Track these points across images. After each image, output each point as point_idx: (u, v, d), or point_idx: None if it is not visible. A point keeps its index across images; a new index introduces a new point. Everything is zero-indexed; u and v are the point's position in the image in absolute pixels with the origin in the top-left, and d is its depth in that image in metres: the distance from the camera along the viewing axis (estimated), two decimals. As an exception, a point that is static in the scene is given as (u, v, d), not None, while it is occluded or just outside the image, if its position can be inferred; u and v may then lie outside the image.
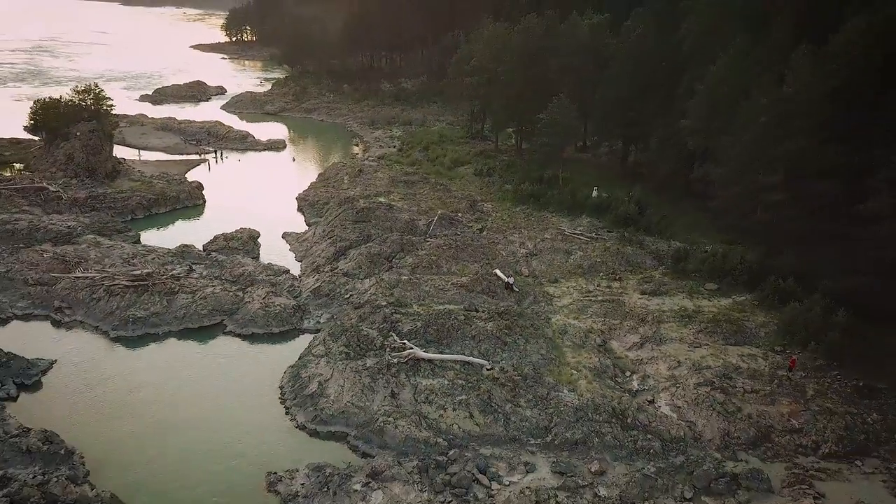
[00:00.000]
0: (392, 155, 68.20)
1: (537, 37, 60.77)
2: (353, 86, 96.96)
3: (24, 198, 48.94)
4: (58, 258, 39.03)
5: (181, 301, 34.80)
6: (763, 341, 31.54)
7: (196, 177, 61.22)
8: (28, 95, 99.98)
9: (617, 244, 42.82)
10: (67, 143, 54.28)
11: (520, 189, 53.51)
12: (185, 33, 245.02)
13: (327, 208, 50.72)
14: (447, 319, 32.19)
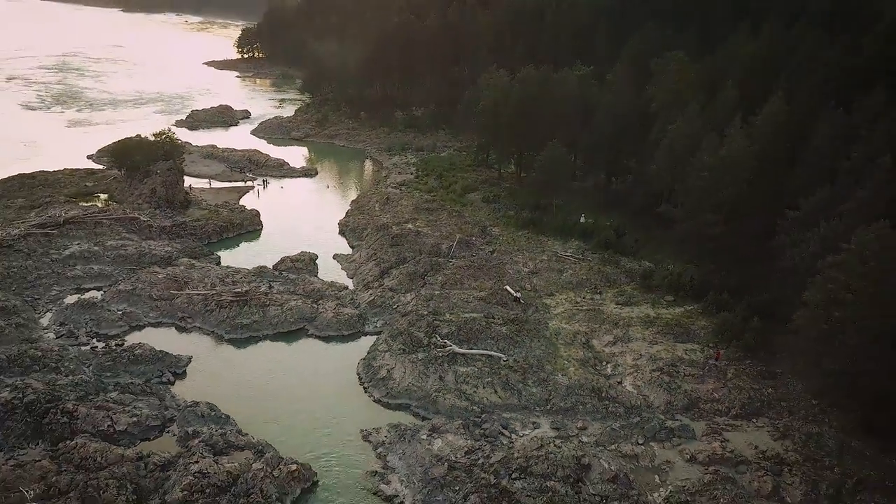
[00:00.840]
0: (411, 182, 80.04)
1: (534, 86, 72.76)
2: (369, 113, 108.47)
3: (122, 226, 60.59)
4: (170, 278, 50.70)
5: (273, 311, 46.57)
6: (702, 340, 43.61)
7: (245, 202, 73.07)
8: (74, 121, 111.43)
9: (598, 264, 54.95)
10: (150, 179, 65.85)
11: (521, 216, 65.56)
12: (194, 46, 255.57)
13: (366, 233, 62.64)
14: (473, 324, 44.15)
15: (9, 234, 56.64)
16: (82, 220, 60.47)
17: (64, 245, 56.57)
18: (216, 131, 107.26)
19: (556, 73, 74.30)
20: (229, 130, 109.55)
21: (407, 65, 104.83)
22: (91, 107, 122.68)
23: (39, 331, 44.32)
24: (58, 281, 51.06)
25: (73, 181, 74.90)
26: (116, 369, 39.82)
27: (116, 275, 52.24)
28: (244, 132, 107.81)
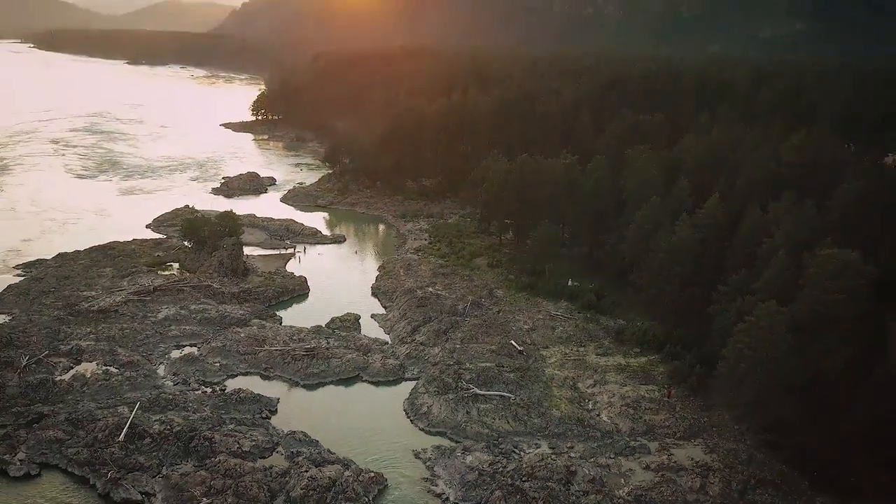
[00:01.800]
0: (426, 247, 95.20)
1: (528, 171, 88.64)
2: (384, 182, 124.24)
3: (200, 293, 75.13)
4: (250, 336, 65.13)
5: (335, 363, 60.97)
6: (659, 382, 58.25)
7: (290, 268, 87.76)
8: (124, 189, 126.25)
9: (583, 322, 69.84)
10: (218, 252, 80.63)
11: (520, 280, 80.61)
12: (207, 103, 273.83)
13: (396, 296, 77.39)
14: (488, 372, 58.69)
15: (114, 301, 71.33)
16: (167, 288, 75.21)
17: (157, 309, 71.10)
18: (249, 199, 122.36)
19: (546, 160, 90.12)
20: (260, 197, 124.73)
21: (416, 141, 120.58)
22: (133, 174, 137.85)
23: (160, 380, 58.45)
24: (162, 339, 65.30)
25: (145, 250, 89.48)
26: (228, 408, 53.93)
27: (205, 334, 66.51)
28: (274, 199, 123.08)
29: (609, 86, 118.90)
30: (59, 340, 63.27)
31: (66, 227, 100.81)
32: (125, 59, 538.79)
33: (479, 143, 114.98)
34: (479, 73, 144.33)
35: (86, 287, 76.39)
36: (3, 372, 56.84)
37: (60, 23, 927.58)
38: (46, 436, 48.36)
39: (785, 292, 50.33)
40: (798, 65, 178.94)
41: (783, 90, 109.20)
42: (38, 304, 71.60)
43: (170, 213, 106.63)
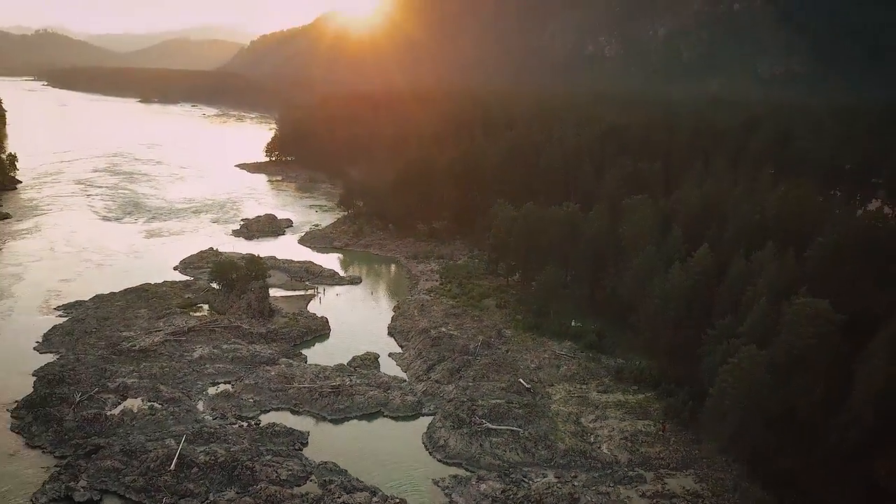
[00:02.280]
0: (437, 288, 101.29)
1: (533, 218, 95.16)
2: (396, 225, 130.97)
3: (230, 333, 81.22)
4: (279, 374, 71.03)
5: (358, 399, 66.74)
6: (655, 417, 63.81)
7: (311, 308, 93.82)
8: (149, 231, 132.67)
9: (585, 361, 75.60)
10: (246, 295, 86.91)
11: (526, 320, 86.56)
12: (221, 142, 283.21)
13: (411, 335, 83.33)
14: (498, 408, 64.36)
15: (153, 341, 77.48)
16: (201, 329, 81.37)
17: (192, 349, 77.17)
18: (269, 241, 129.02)
19: (550, 208, 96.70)
20: (279, 239, 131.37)
21: (426, 187, 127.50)
22: (157, 216, 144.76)
23: (200, 414, 64.24)
24: (199, 377, 71.22)
25: (176, 292, 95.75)
26: (264, 440, 59.62)
27: (238, 372, 72.43)
28: (292, 241, 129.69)
29: (608, 133, 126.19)
30: (106, 378, 69.22)
31: (100, 269, 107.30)
32: (138, 98, 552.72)
33: (487, 188, 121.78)
34: (485, 119, 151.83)
35: (125, 328, 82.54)
36: (59, 407, 62.81)
37: (73, 60, 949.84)
38: (104, 465, 54.16)
39: (765, 336, 56.27)
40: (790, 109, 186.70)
41: (773, 137, 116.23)
42: (83, 343, 77.72)
43: (196, 256, 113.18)
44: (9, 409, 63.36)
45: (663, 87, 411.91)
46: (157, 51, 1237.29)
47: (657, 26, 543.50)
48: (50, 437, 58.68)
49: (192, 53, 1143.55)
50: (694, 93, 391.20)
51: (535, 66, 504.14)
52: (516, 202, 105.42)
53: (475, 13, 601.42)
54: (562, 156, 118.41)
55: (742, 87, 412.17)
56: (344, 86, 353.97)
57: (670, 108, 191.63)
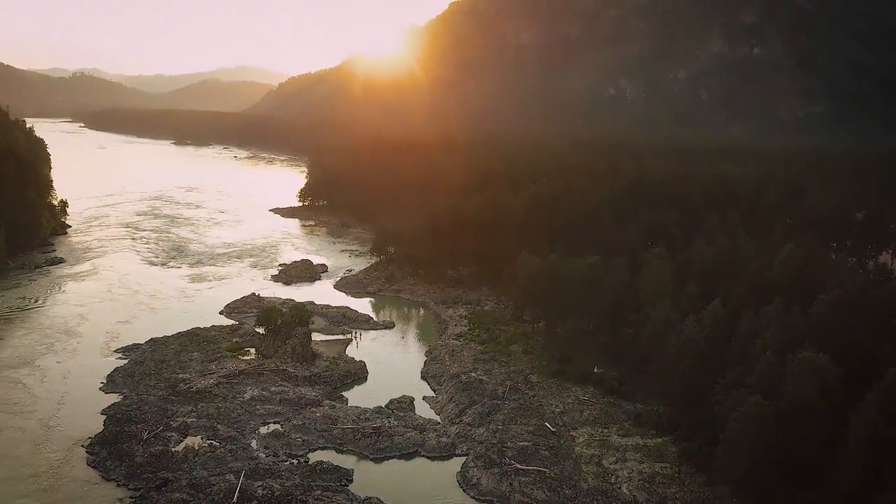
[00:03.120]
0: (466, 334, 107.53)
1: (557, 269, 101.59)
2: (426, 271, 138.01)
3: (277, 376, 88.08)
4: (324, 416, 77.50)
5: (397, 439, 72.87)
6: (671, 460, 69.03)
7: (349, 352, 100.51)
8: (193, 276, 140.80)
9: (607, 406, 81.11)
10: (291, 340, 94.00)
11: (551, 366, 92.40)
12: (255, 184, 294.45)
13: (443, 380, 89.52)
14: (526, 450, 70.07)
15: (208, 383, 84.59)
16: (250, 372, 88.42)
17: (243, 391, 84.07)
18: (305, 286, 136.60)
19: (572, 260, 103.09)
20: (315, 285, 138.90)
21: (454, 235, 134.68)
22: (199, 262, 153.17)
23: (254, 452, 70.76)
24: (251, 417, 77.89)
25: (224, 336, 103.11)
26: (313, 476, 65.88)
27: (286, 413, 79.01)
28: (328, 286, 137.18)
29: (628, 187, 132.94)
30: (168, 417, 76.20)
31: (153, 312, 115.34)
32: (171, 139, 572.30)
33: (511, 237, 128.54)
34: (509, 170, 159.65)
35: (180, 370, 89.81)
36: (129, 444, 69.81)
37: (108, 101, 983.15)
38: (174, 497, 60.80)
39: (771, 387, 61.73)
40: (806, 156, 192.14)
41: (785, 193, 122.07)
42: (144, 384, 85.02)
43: (239, 301, 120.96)
44: (83, 444, 70.49)
45: (684, 129, 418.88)
46: (188, 92, 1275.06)
47: (678, 69, 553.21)
48: (123, 472, 65.52)
49: (223, 94, 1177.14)
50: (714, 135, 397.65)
51: (558, 108, 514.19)
52: (540, 251, 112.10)
53: (498, 55, 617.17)
54: (583, 208, 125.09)
55: (762, 129, 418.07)
56: (371, 127, 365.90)
57: (688, 155, 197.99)
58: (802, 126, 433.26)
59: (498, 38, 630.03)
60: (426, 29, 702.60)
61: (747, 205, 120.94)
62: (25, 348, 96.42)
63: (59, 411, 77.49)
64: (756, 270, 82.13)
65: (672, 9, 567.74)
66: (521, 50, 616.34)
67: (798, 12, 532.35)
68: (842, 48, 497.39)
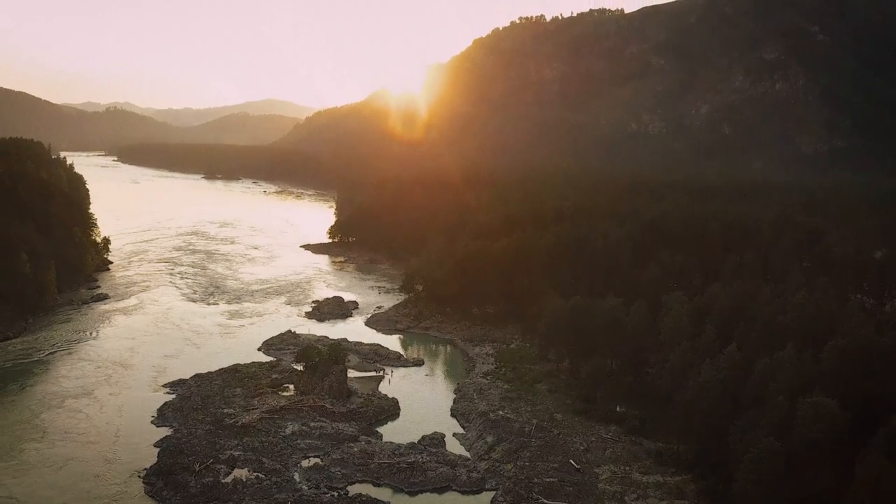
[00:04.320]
0: (493, 372, 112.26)
1: (580, 310, 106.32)
2: (453, 309, 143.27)
3: (316, 412, 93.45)
4: (361, 451, 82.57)
5: (430, 474, 77.60)
6: (691, 498, 72.84)
7: (382, 389, 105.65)
8: (230, 313, 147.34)
9: (629, 444, 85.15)
10: (328, 378, 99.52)
11: (576, 405, 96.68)
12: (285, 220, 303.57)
13: (472, 417, 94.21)
14: (552, 485, 74.38)
15: (251, 418, 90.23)
16: (290, 408, 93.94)
17: (284, 425, 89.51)
18: (338, 323, 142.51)
19: (595, 301, 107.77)
20: (347, 321, 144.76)
21: (480, 274, 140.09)
22: (236, 299, 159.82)
23: (298, 484, 75.92)
24: (293, 451, 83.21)
25: (263, 373, 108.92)
26: (354, 509, 70.96)
27: (325, 447, 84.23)
28: (359, 323, 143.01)
29: (648, 228, 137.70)
30: (216, 450, 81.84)
31: (196, 348, 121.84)
32: (202, 173, 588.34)
33: (536, 277, 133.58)
34: (534, 212, 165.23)
35: (225, 405, 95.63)
36: (183, 475, 75.45)
37: (140, 135, 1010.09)
38: (227, 526, 66.09)
39: (782, 429, 65.78)
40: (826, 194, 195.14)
41: (803, 236, 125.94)
42: (192, 419, 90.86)
43: (276, 338, 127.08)
44: (140, 475, 76.28)
45: (706, 163, 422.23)
46: (217, 125, 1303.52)
47: (700, 104, 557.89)
48: (179, 502, 71.07)
49: (251, 127, 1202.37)
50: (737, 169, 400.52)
51: (580, 142, 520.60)
52: (564, 289, 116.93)
53: (520, 91, 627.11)
54: (605, 249, 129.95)
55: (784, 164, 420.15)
56: (396, 163, 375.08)
57: (709, 194, 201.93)
58: (826, 160, 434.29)
59: (520, 74, 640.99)
60: (449, 65, 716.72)
61: (765, 246, 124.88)
62: (84, 379, 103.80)
63: (116, 443, 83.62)
64: (771, 315, 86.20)
65: (693, 45, 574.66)
66: (543, 85, 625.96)
67: (820, 47, 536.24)
68: (864, 82, 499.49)
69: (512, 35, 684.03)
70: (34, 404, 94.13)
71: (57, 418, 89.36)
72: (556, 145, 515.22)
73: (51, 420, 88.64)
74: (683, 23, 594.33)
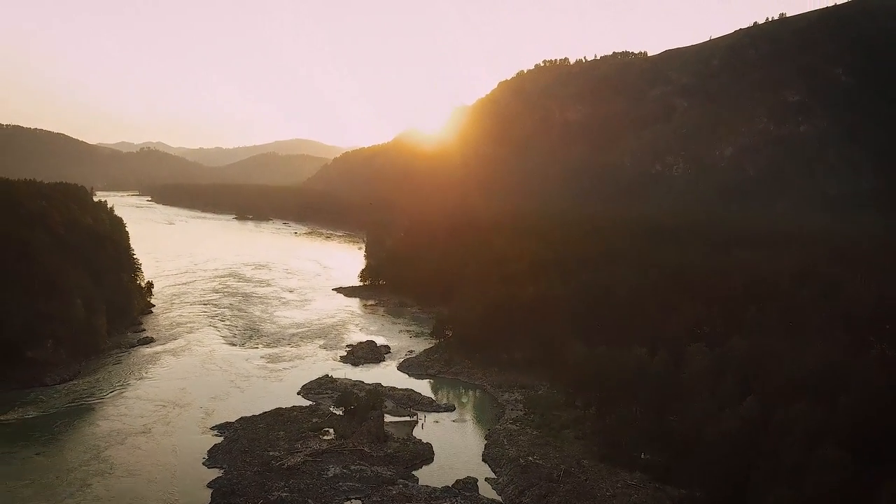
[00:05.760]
0: (522, 418, 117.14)
1: (605, 360, 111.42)
2: (482, 354, 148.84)
3: (355, 455, 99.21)
4: (400, 494, 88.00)
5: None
6: (712, 544, 77.04)
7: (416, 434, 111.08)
8: (269, 357, 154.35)
9: (653, 491, 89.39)
10: (366, 423, 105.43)
11: (602, 451, 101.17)
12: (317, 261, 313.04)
13: (502, 462, 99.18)
14: (580, 530, 79.13)
15: (296, 461, 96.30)
16: (332, 451, 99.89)
17: (326, 468, 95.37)
18: (372, 367, 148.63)
19: (619, 351, 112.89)
20: (380, 366, 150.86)
21: (508, 322, 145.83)
22: (274, 342, 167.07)
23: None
24: (336, 493, 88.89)
25: (304, 416, 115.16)
26: (395, 549, 76.24)
27: (365, 490, 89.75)
28: (392, 367, 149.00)
29: (671, 278, 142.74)
30: (265, 491, 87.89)
31: (240, 391, 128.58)
32: (233, 214, 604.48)
33: (563, 325, 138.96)
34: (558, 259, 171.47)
35: (270, 447, 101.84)
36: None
37: (172, 175, 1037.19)
38: (279, 564, 71.77)
39: (798, 479, 70.20)
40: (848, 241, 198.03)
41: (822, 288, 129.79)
42: (241, 461, 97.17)
43: (314, 382, 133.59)
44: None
45: (730, 205, 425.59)
46: (246, 165, 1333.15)
47: (724, 146, 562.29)
48: (234, 540, 77.06)
49: (279, 167, 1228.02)
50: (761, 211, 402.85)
51: (604, 184, 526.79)
52: (589, 336, 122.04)
53: (544, 132, 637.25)
54: (629, 299, 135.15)
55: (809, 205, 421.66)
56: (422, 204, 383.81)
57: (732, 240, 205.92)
58: (851, 201, 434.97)
59: (544, 116, 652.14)
60: (474, 107, 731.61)
61: (786, 297, 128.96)
62: (142, 419, 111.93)
63: (173, 482, 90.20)
64: (789, 367, 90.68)
65: (716, 87, 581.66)
66: (567, 127, 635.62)
67: (843, 89, 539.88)
68: (889, 124, 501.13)
69: (536, 77, 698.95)
70: (100, 441, 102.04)
71: (120, 455, 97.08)
72: (582, 187, 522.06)
73: (116, 456, 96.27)
74: (706, 66, 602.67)
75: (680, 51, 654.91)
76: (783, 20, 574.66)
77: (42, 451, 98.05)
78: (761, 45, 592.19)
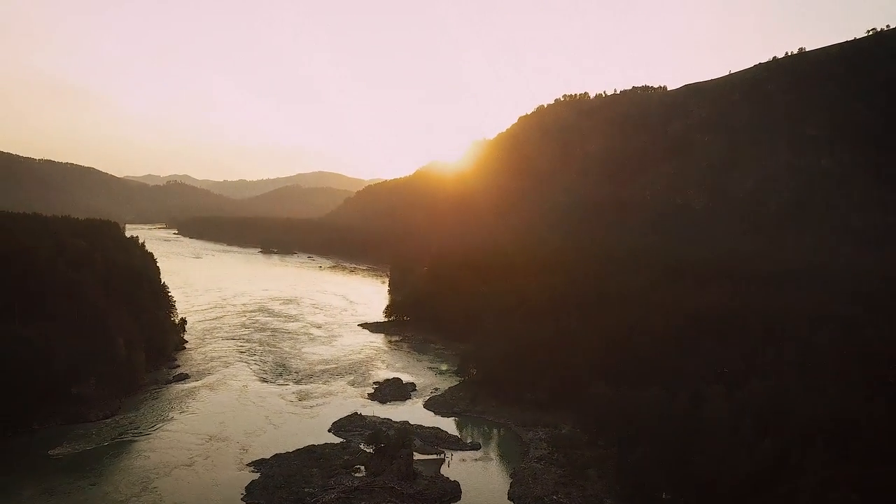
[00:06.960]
0: (546, 457, 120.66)
1: (627, 401, 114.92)
2: (506, 393, 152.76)
3: (387, 492, 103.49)
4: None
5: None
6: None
7: (443, 472, 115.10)
8: (300, 394, 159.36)
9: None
10: (396, 461, 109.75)
11: (624, 491, 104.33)
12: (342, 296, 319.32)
13: (528, 501, 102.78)
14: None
15: (330, 497, 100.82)
16: (363, 488, 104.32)
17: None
18: (399, 405, 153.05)
19: (640, 393, 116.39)
20: (406, 403, 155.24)
21: (531, 360, 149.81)
22: (303, 379, 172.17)
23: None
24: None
25: (336, 453, 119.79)
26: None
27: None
28: (418, 405, 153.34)
29: (691, 319, 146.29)
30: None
31: (274, 428, 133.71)
32: (258, 247, 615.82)
33: (585, 364, 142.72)
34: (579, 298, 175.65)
35: (305, 484, 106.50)
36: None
37: (197, 206, 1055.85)
38: None
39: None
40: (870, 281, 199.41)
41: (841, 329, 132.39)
42: (277, 497, 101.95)
43: (344, 419, 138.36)
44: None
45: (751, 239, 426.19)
46: (269, 197, 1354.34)
47: (745, 179, 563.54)
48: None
49: (303, 200, 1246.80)
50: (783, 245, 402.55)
51: (625, 217, 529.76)
52: (611, 375, 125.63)
53: (565, 165, 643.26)
54: (649, 341, 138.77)
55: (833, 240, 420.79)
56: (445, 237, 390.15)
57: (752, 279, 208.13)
58: (876, 236, 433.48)
59: (565, 150, 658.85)
60: (496, 141, 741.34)
61: (804, 339, 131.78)
62: (185, 451, 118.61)
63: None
64: (806, 409, 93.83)
65: (736, 121, 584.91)
66: (588, 160, 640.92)
67: (863, 123, 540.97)
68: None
69: (556, 111, 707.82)
70: (150, 473, 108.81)
71: (167, 486, 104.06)
72: (601, 220, 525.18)
73: (163, 488, 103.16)
74: (726, 100, 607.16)
75: (699, 85, 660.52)
76: (802, 55, 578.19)
77: (96, 483, 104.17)
78: (781, 80, 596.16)
